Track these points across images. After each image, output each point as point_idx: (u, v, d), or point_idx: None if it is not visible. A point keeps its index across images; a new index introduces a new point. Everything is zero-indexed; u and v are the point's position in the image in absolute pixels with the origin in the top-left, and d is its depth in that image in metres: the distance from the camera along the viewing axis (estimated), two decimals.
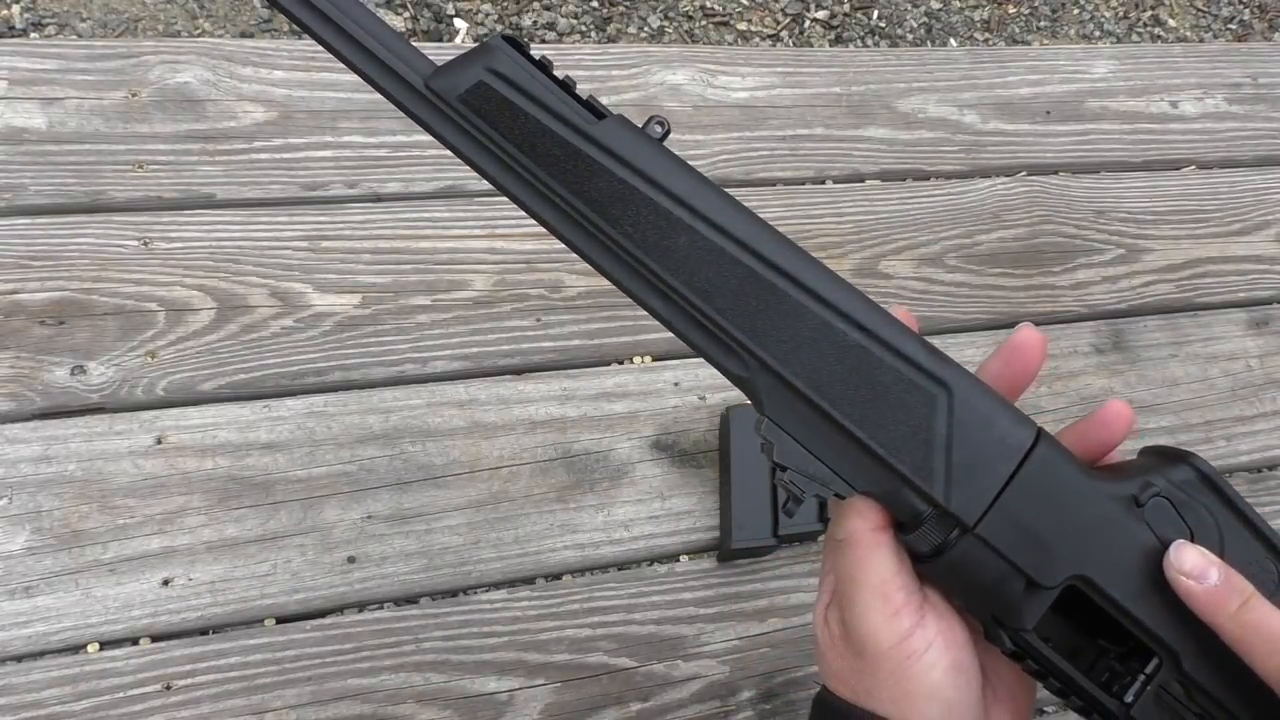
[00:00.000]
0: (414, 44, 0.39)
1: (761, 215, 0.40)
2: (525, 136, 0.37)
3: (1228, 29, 2.05)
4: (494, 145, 0.38)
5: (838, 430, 0.37)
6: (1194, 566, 0.34)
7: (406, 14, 1.61)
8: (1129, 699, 0.36)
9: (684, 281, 0.37)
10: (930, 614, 0.37)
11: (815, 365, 0.36)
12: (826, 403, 0.36)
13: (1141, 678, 0.36)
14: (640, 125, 0.38)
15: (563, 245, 0.40)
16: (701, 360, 0.41)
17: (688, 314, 0.38)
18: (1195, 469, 0.37)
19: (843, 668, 0.38)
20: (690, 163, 0.39)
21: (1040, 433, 0.36)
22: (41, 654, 0.62)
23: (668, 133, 0.38)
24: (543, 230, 0.40)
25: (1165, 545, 0.35)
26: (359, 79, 0.40)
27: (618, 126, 0.37)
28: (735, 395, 0.77)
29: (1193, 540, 0.35)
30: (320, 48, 0.40)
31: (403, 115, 0.40)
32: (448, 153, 0.40)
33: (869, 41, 1.83)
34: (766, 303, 0.37)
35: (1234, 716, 0.36)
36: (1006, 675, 0.40)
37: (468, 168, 0.40)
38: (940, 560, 0.36)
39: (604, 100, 0.88)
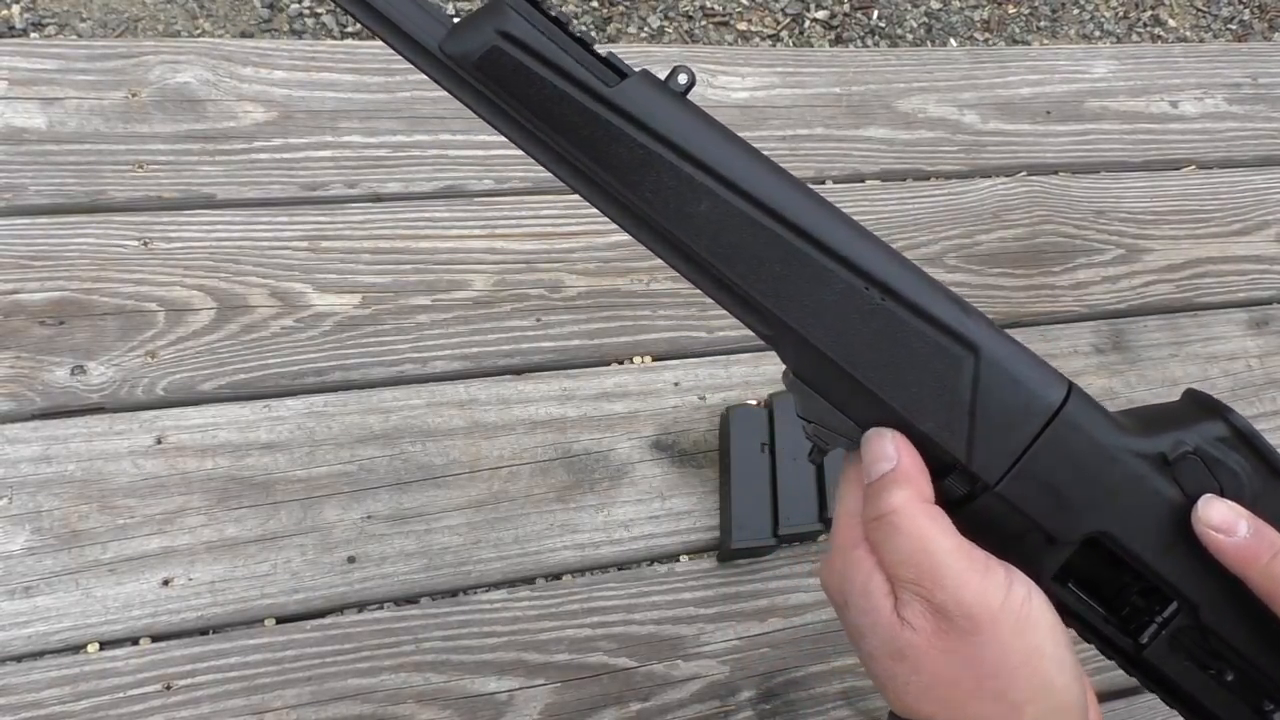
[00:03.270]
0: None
1: None
2: (541, 103, 0.36)
3: (1228, 29, 2.05)
4: (512, 110, 0.37)
5: (863, 390, 0.36)
6: (1222, 520, 0.34)
7: None
8: (1144, 640, 0.36)
9: (706, 247, 0.36)
10: (1012, 569, 0.35)
11: (839, 329, 0.36)
12: (850, 366, 0.36)
13: (1157, 622, 0.36)
14: (664, 78, 0.37)
15: (563, 245, 0.40)
16: (701, 360, 0.41)
17: (712, 275, 0.37)
18: (1230, 424, 0.36)
19: (950, 665, 0.32)
20: None
21: (1071, 390, 0.36)
22: (41, 654, 0.62)
23: (692, 84, 0.36)
24: (543, 230, 0.40)
25: (1193, 501, 0.35)
26: (359, 79, 0.40)
27: (638, 87, 0.36)
28: (735, 395, 0.77)
29: (1222, 495, 0.35)
30: (320, 47, 0.40)
31: (404, 114, 0.39)
32: (448, 153, 0.40)
33: (869, 41, 1.83)
34: (790, 267, 0.36)
35: (1252, 663, 0.36)
36: None
37: (468, 168, 0.40)
38: (963, 511, 0.36)
39: None
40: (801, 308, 0.36)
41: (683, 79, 0.36)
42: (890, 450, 0.35)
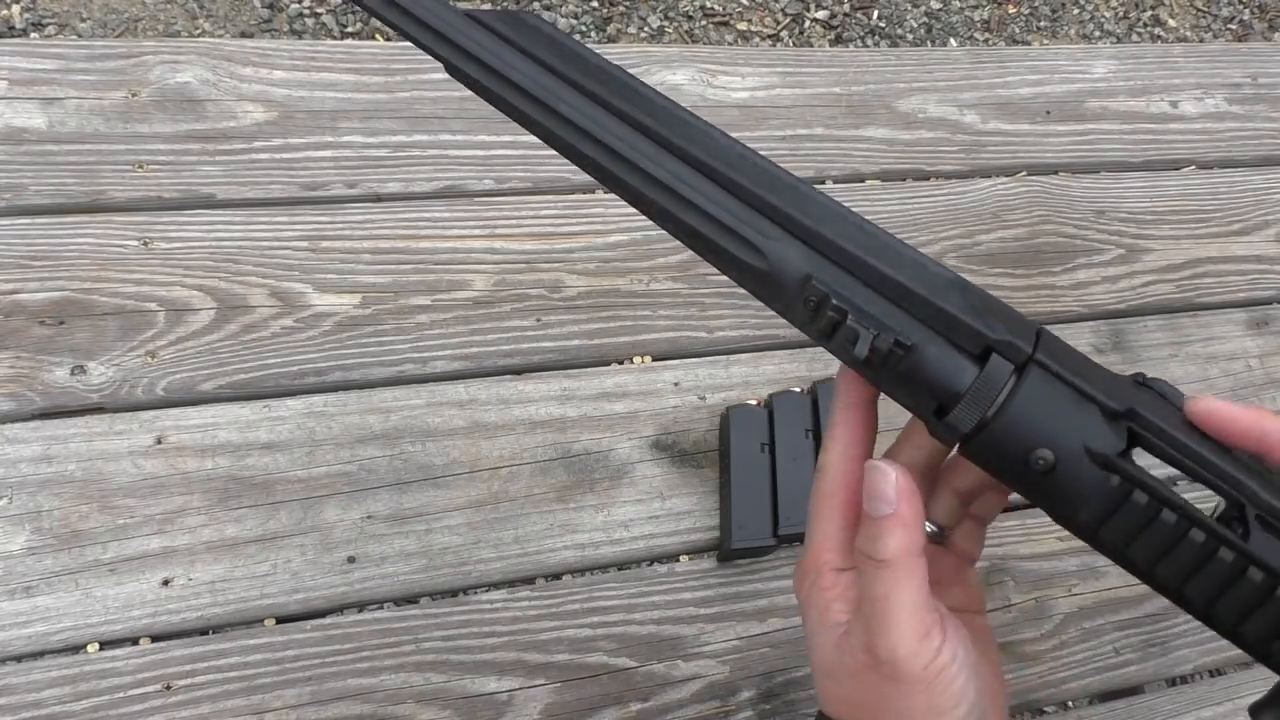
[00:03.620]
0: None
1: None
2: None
3: (1228, 29, 2.05)
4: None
5: (881, 282, 0.36)
6: (1219, 401, 0.36)
7: None
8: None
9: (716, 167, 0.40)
10: (947, 621, 0.37)
11: (848, 237, 0.37)
12: (865, 255, 0.36)
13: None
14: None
15: (563, 246, 0.40)
16: (701, 360, 0.41)
17: (700, 209, 0.39)
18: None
19: (865, 696, 0.37)
20: None
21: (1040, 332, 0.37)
22: (41, 654, 0.62)
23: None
24: (543, 230, 0.41)
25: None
26: (359, 79, 0.40)
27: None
28: (735, 395, 0.77)
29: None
30: (320, 47, 0.40)
31: (404, 114, 0.40)
32: (448, 153, 0.40)
33: (869, 41, 1.83)
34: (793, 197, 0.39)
35: None
36: (987, 669, 0.40)
37: (468, 168, 0.40)
38: (1001, 419, 0.35)
39: None
40: (808, 217, 0.38)
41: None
42: (891, 494, 0.36)
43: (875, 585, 0.36)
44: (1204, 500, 0.34)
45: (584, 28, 1.68)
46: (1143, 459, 0.35)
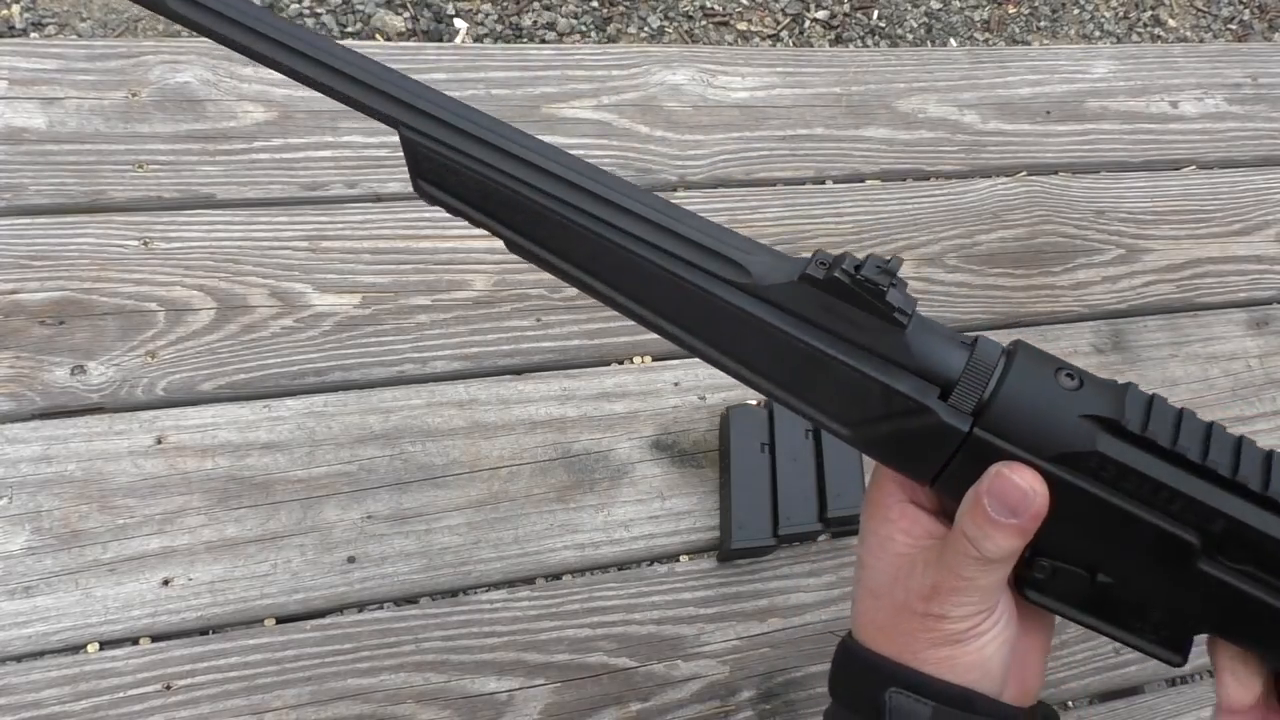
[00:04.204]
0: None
1: (762, 215, 0.41)
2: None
3: (1228, 29, 2.05)
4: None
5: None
6: None
7: (406, 14, 1.61)
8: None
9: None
10: (1003, 596, 0.39)
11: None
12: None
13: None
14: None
15: None
16: (702, 361, 0.41)
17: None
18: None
19: (895, 627, 0.39)
20: (690, 163, 0.40)
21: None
22: (41, 654, 0.62)
23: None
24: None
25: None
26: None
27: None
28: (735, 395, 0.77)
29: None
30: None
31: None
32: None
33: (869, 41, 1.83)
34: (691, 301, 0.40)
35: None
36: (1026, 650, 0.42)
37: None
38: (993, 407, 0.36)
39: (605, 100, 0.88)
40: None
41: None
42: (1020, 508, 0.36)
43: (965, 568, 0.37)
44: None
45: (584, 28, 1.68)
46: None
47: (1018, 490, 0.35)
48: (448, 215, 0.68)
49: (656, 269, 0.38)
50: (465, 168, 0.39)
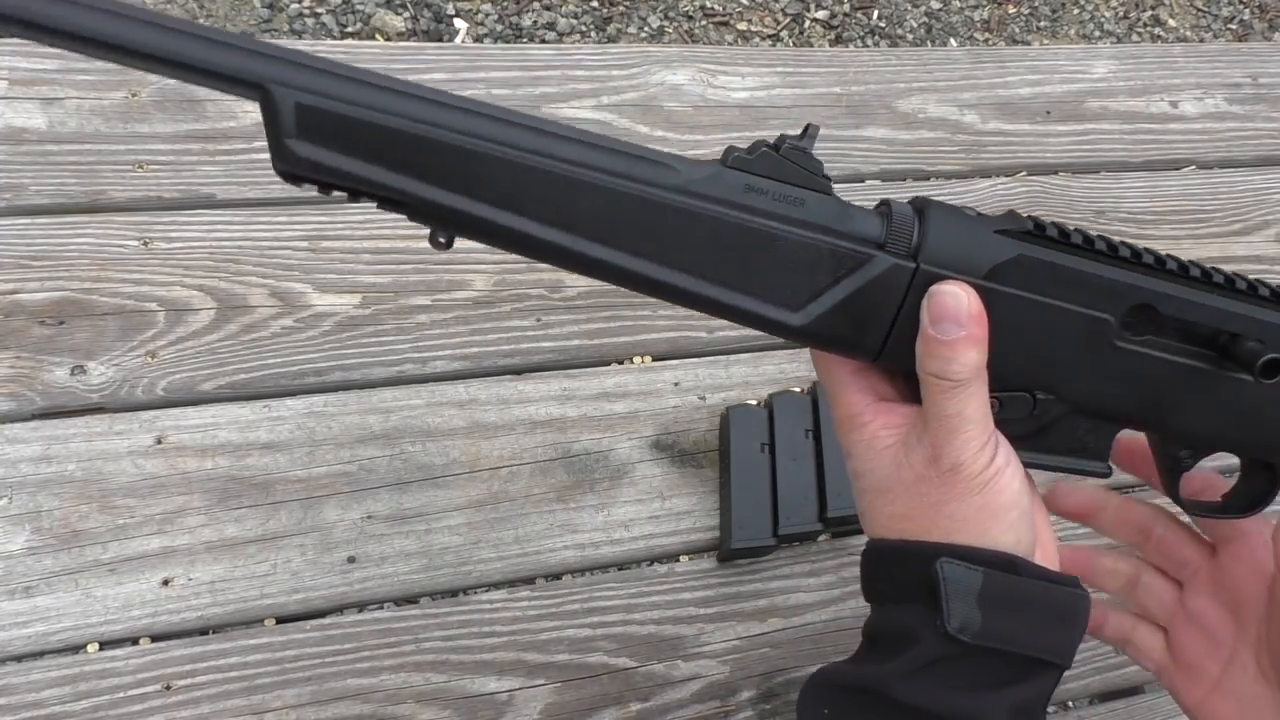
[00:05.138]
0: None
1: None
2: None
3: (1228, 29, 2.05)
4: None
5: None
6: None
7: (406, 14, 1.61)
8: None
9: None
10: (1001, 437, 0.40)
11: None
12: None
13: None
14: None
15: None
16: (701, 360, 0.41)
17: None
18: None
19: (918, 507, 0.39)
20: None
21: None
22: (41, 654, 0.62)
23: None
24: None
25: None
26: None
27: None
28: (735, 395, 0.77)
29: None
30: (320, 47, 0.40)
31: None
32: None
33: (869, 41, 1.83)
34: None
35: None
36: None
37: None
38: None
39: (605, 100, 0.88)
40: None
41: None
42: (963, 316, 0.38)
43: (948, 404, 0.39)
44: None
45: (584, 28, 1.68)
46: None
47: (953, 298, 0.38)
48: None
49: (588, 184, 0.37)
50: (358, 112, 0.35)
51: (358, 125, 0.35)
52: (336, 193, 0.37)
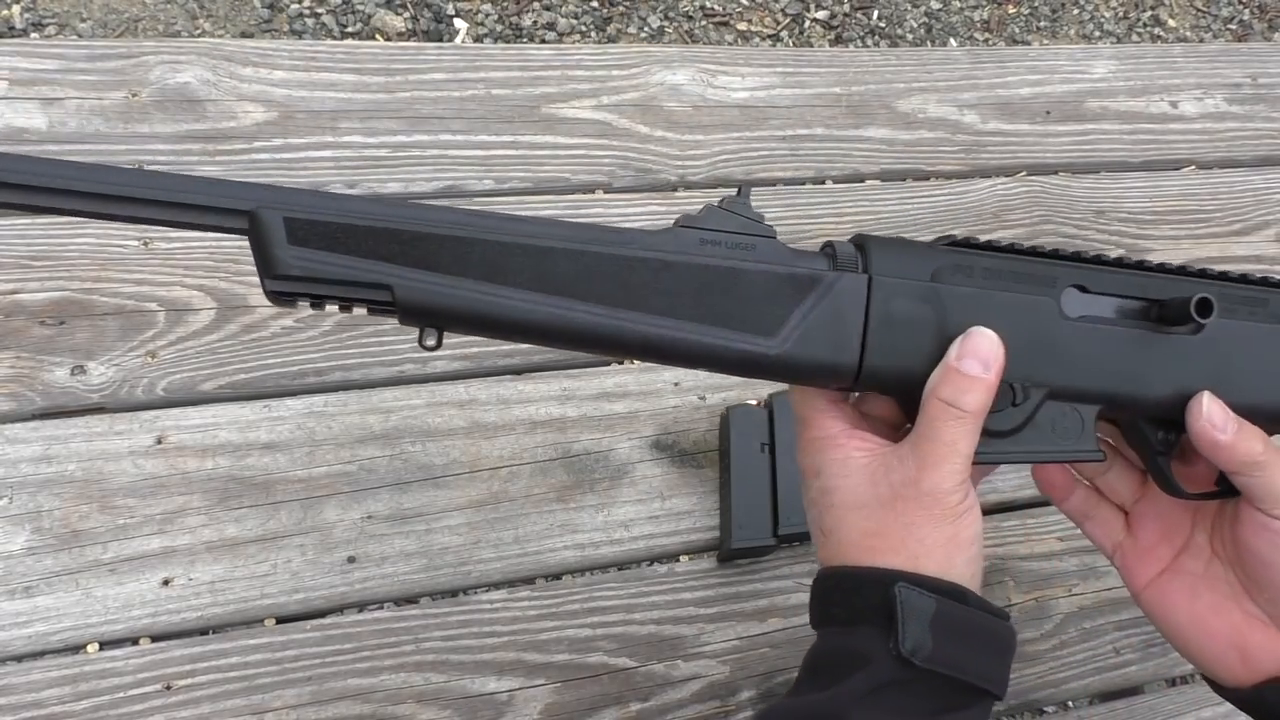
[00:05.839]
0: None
1: (761, 215, 0.42)
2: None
3: (1228, 29, 2.05)
4: None
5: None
6: None
7: (406, 14, 1.61)
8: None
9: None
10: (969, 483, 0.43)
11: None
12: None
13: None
14: None
15: None
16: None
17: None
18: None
19: (890, 526, 0.42)
20: (690, 163, 0.40)
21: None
22: (41, 654, 0.62)
23: None
24: None
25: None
26: (359, 79, 0.40)
27: None
28: (735, 395, 0.77)
29: None
30: (320, 47, 0.40)
31: (404, 114, 0.40)
32: (448, 153, 0.40)
33: (869, 41, 1.83)
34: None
35: None
36: None
37: (468, 168, 0.40)
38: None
39: (605, 100, 0.88)
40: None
41: None
42: (990, 360, 0.42)
43: (946, 431, 0.41)
44: None
45: (584, 28, 1.68)
46: None
47: (988, 341, 0.42)
48: None
49: (562, 250, 0.39)
50: (342, 217, 0.38)
51: (343, 228, 0.38)
52: (329, 306, 0.39)
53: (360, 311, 0.39)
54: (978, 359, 0.41)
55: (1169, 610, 0.50)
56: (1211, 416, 0.44)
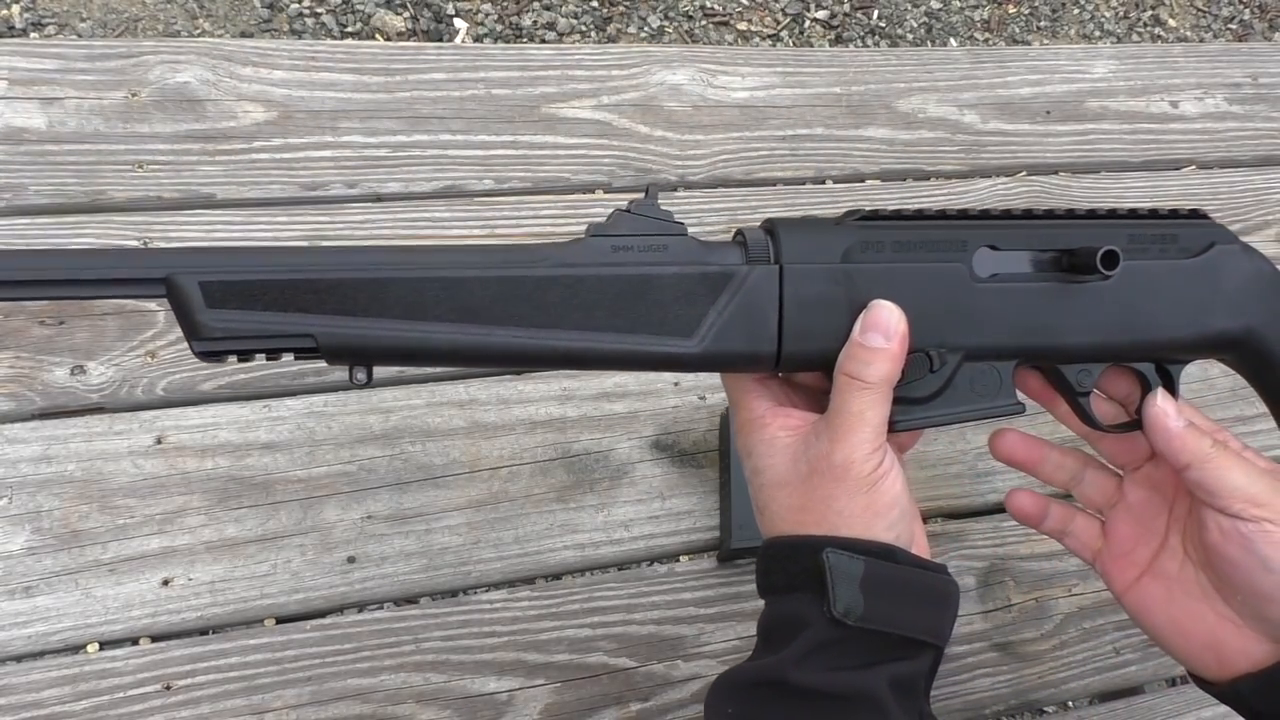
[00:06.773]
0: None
1: (761, 215, 0.42)
2: None
3: (1228, 29, 2.05)
4: None
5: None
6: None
7: (406, 14, 1.61)
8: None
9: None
10: (889, 441, 0.45)
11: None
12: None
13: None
14: None
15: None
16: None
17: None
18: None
19: (811, 500, 0.44)
20: (690, 163, 0.40)
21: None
22: (41, 654, 0.62)
23: None
24: (543, 230, 0.42)
25: None
26: (359, 79, 0.40)
27: None
28: None
29: None
30: (320, 47, 0.40)
31: (404, 114, 0.41)
32: (448, 153, 0.41)
33: (869, 41, 1.83)
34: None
35: None
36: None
37: (468, 168, 0.41)
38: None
39: (605, 100, 0.88)
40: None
41: None
42: (891, 330, 0.43)
43: (854, 402, 0.43)
44: None
45: (584, 28, 1.68)
46: None
47: (887, 312, 0.43)
48: (448, 215, 0.69)
49: (477, 279, 0.41)
50: (253, 274, 0.39)
51: (259, 285, 0.39)
52: (258, 356, 0.40)
53: (288, 357, 0.40)
54: (878, 330, 0.43)
55: (1148, 613, 0.52)
56: (1166, 407, 0.47)
